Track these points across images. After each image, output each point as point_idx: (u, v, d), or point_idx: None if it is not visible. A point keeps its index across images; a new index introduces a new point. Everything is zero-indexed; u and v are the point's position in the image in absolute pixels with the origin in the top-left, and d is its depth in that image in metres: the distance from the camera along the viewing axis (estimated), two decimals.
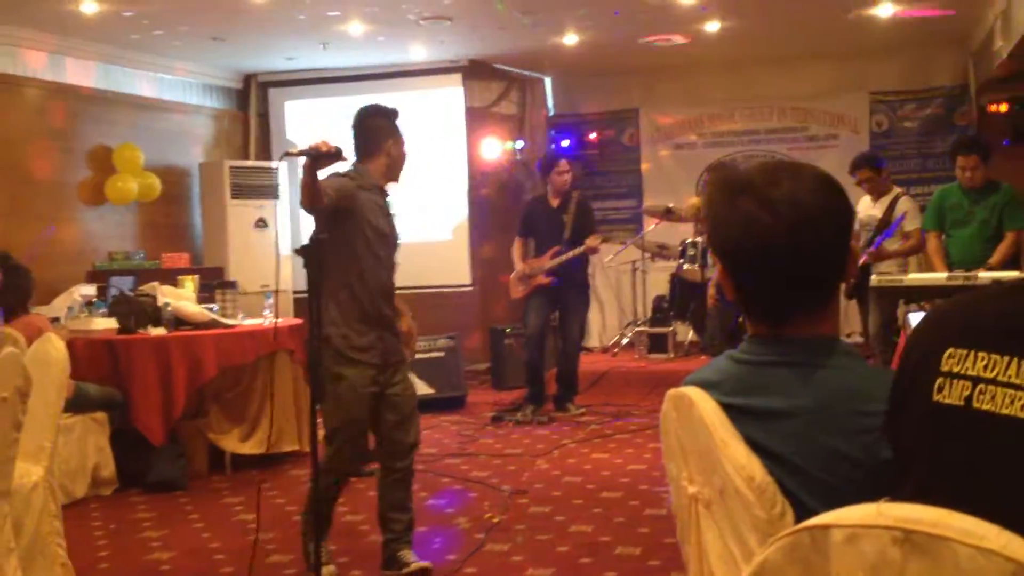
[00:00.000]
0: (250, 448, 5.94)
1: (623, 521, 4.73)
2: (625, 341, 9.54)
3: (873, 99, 9.72)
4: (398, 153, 3.95)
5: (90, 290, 6.52)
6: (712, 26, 8.21)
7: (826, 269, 1.63)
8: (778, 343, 1.65)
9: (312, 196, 3.50)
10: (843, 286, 1.72)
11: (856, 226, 6.67)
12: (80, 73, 8.17)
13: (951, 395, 1.26)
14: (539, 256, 7.50)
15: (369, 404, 3.84)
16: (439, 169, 9.47)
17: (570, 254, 7.35)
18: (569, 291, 7.43)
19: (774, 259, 1.59)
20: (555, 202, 7.48)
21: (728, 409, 1.65)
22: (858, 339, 7.51)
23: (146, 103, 8.80)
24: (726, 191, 1.64)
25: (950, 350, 1.28)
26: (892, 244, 6.76)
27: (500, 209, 9.73)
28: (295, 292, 8.49)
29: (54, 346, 3.94)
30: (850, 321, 7.80)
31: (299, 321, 6.54)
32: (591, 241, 7.35)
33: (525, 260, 7.52)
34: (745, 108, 10.00)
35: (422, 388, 7.78)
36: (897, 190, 7.09)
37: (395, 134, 3.96)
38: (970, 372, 1.25)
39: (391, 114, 3.99)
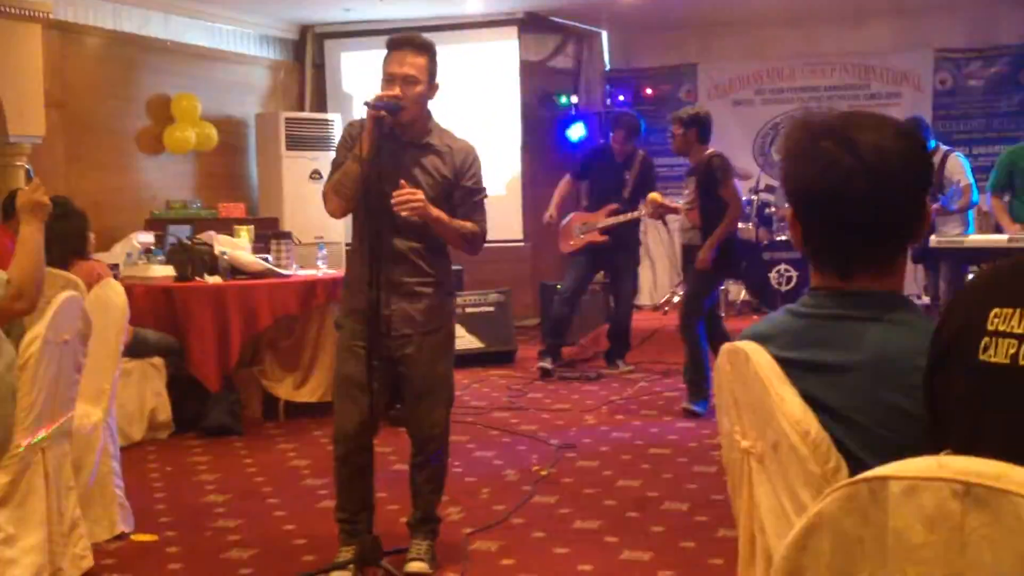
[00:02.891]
0: (303, 396, 6.03)
1: (671, 477, 4.74)
2: (676, 299, 9.49)
3: (937, 56, 9.50)
4: None
5: (148, 238, 6.62)
6: None
7: (900, 222, 1.60)
8: (842, 296, 1.63)
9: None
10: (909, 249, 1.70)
11: None
12: (140, 22, 8.23)
13: (997, 354, 1.25)
14: (592, 209, 7.38)
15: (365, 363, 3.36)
16: (493, 123, 9.43)
17: (626, 217, 7.22)
18: (619, 251, 7.34)
19: (850, 203, 1.56)
20: (620, 156, 7.36)
21: (784, 363, 1.64)
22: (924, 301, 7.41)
23: (204, 53, 8.85)
24: (808, 132, 1.62)
25: (996, 310, 1.26)
26: (953, 203, 6.69)
27: (554, 165, 9.68)
28: (347, 244, 8.54)
29: (114, 291, 4.02)
30: (917, 284, 7.72)
31: None
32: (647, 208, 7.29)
33: (577, 212, 7.43)
34: (805, 64, 9.82)
35: (472, 342, 7.82)
36: (943, 148, 6.97)
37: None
38: (1016, 330, 1.23)
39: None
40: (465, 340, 7.82)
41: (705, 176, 6.06)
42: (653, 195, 6.68)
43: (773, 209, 8.71)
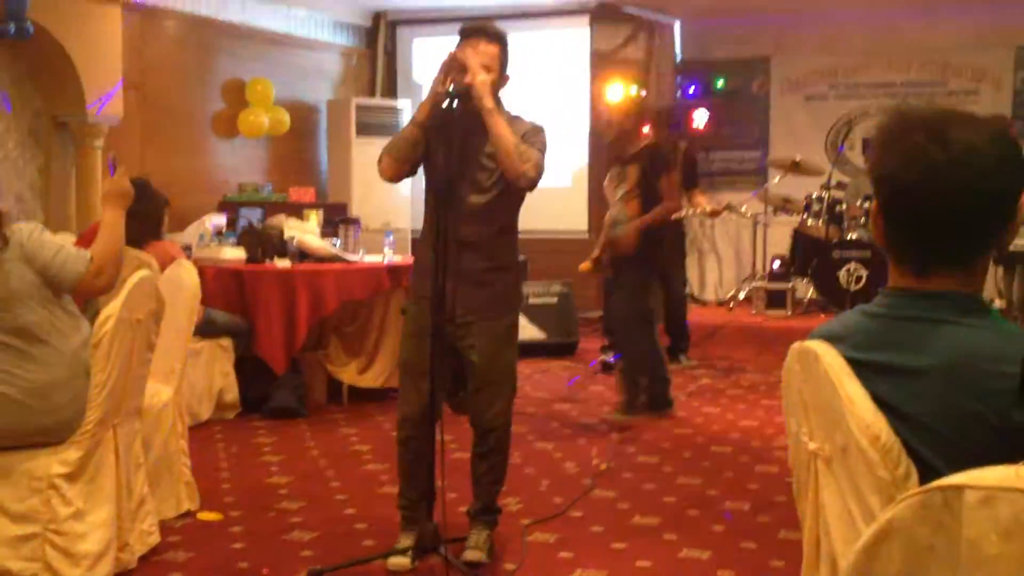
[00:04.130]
0: (366, 381, 6.09)
1: (732, 476, 4.69)
2: (742, 296, 9.40)
3: (1018, 54, 9.26)
4: None
5: (220, 220, 6.71)
6: None
7: (984, 223, 1.56)
8: (918, 297, 1.59)
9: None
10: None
11: None
12: (217, 6, 8.35)
13: None
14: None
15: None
16: (561, 114, 9.40)
17: (683, 214, 7.16)
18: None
19: (934, 197, 1.53)
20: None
21: (855, 364, 1.61)
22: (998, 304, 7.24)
23: (279, 38, 8.96)
24: (901, 124, 1.60)
25: None
26: None
27: None
28: (413, 231, 8.61)
29: (187, 272, 4.09)
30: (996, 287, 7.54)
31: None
32: (704, 203, 7.23)
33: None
34: (882, 59, 9.65)
35: (534, 333, 7.82)
36: None
37: None
38: None
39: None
40: (528, 331, 7.82)
41: (652, 164, 5.78)
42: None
43: (844, 206, 8.58)
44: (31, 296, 3.07)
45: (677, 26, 10.13)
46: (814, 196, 8.63)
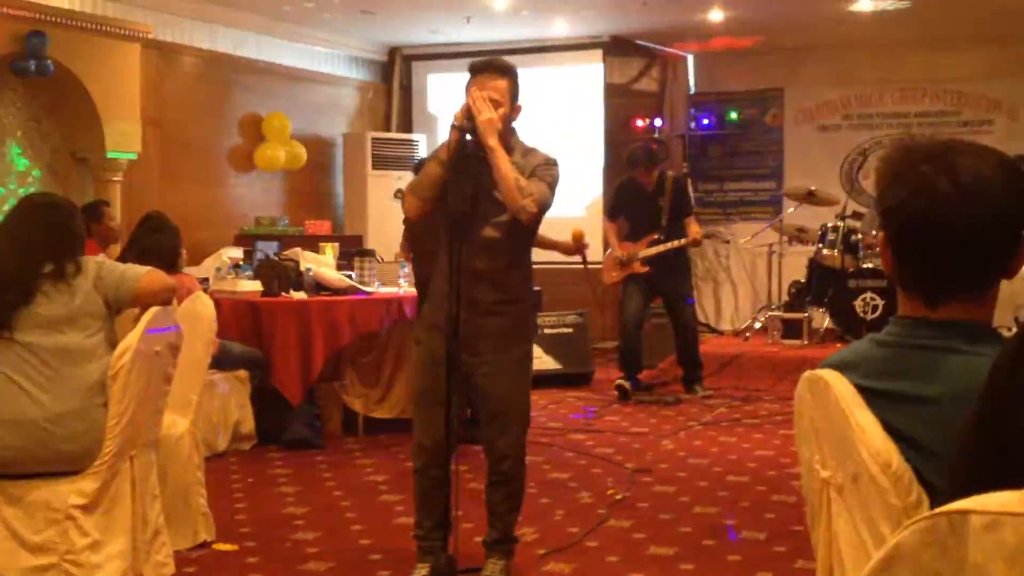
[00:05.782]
0: (382, 412, 6.10)
1: (748, 506, 4.67)
2: (758, 325, 9.38)
3: None
4: None
5: (237, 253, 6.76)
6: (865, 5, 7.97)
7: (993, 252, 1.57)
8: (928, 326, 1.60)
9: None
10: None
11: None
12: (234, 42, 8.46)
13: None
14: (633, 241, 7.35)
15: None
16: (576, 146, 9.46)
17: (669, 246, 7.16)
18: (669, 279, 7.27)
19: (943, 227, 1.54)
20: (650, 187, 7.32)
21: (866, 392, 1.62)
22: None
23: (295, 74, 9.06)
24: (908, 156, 1.61)
25: None
26: None
27: None
28: None
29: (204, 305, 4.12)
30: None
31: None
32: (694, 233, 7.19)
33: (621, 243, 7.42)
34: (895, 90, 9.66)
35: (549, 363, 7.82)
36: None
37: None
38: None
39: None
40: (543, 361, 7.82)
41: None
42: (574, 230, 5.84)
43: (859, 236, 8.57)
44: (89, 318, 3.20)
45: (690, 59, 10.19)
46: (829, 226, 8.62)
